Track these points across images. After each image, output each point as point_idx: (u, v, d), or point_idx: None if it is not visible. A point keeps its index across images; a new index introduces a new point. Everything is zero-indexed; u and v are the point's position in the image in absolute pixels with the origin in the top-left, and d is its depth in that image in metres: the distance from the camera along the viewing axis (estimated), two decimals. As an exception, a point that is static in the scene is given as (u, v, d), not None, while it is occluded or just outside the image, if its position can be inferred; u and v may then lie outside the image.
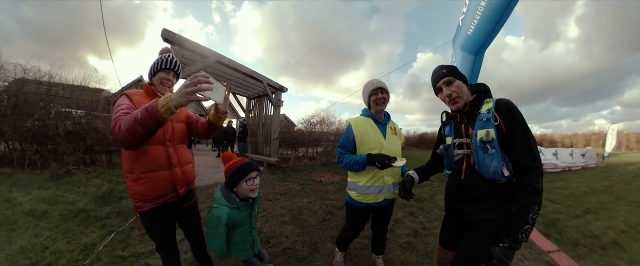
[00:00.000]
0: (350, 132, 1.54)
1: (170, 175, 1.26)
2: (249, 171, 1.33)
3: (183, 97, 0.88)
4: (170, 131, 1.29)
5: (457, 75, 1.15)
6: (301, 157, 8.95)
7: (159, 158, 1.22)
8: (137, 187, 1.18)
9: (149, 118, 0.90)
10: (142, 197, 1.20)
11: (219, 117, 1.32)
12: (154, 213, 1.25)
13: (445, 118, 1.30)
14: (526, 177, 0.98)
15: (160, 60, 1.30)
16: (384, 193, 1.52)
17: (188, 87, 0.88)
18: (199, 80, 0.89)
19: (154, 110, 0.88)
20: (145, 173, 1.18)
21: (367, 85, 1.58)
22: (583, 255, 2.44)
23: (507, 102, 1.03)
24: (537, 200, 0.95)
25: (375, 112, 1.57)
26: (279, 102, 7.22)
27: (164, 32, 3.83)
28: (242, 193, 1.34)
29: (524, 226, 0.94)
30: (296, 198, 3.92)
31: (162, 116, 0.89)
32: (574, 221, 3.43)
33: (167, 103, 0.88)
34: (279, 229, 2.67)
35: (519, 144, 0.99)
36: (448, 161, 1.28)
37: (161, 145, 1.24)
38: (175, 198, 1.32)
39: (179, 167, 1.30)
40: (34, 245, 2.13)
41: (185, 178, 1.34)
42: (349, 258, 2.10)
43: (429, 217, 3.20)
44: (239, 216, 1.34)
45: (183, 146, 1.38)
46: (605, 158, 12.89)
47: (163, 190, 1.24)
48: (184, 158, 1.35)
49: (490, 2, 2.70)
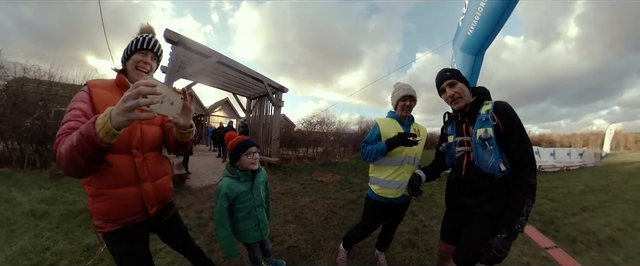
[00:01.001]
0: (376, 129, 1.61)
1: (137, 192, 1.01)
2: (249, 146, 1.44)
3: (121, 115, 0.66)
4: (139, 136, 1.02)
5: (460, 78, 1.24)
6: (301, 157, 8.98)
7: (123, 170, 0.96)
8: (96, 204, 0.95)
9: (86, 145, 0.69)
10: (103, 217, 0.98)
11: (182, 133, 1.03)
12: (118, 235, 1.01)
13: (447, 118, 1.38)
14: (521, 173, 1.06)
15: (136, 40, 1.04)
16: (402, 189, 1.57)
17: (127, 100, 0.65)
18: (139, 91, 0.66)
19: (90, 134, 0.68)
20: (105, 189, 0.93)
21: (398, 90, 1.62)
22: (580, 251, 2.50)
23: (504, 105, 1.12)
24: (531, 193, 1.03)
25: (400, 115, 1.64)
26: (280, 102, 7.24)
27: (166, 32, 3.84)
28: (244, 166, 1.45)
29: (519, 217, 1.02)
30: (298, 197, 3.94)
31: (103, 141, 0.68)
32: (572, 219, 3.50)
33: (105, 124, 0.67)
34: (282, 228, 2.69)
35: (515, 143, 1.07)
36: (449, 158, 1.36)
37: (126, 154, 0.98)
38: (145, 217, 1.08)
39: (150, 182, 1.05)
40: (35, 245, 2.12)
41: (157, 194, 1.09)
42: (351, 255, 2.12)
43: (429, 215, 3.25)
44: (239, 187, 1.43)
45: (156, 155, 1.11)
46: (603, 158, 12.99)
47: (128, 210, 1.00)
48: (156, 170, 1.09)
49: (489, 3, 2.73)
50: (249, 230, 1.51)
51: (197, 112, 17.20)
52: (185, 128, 1.02)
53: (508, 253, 1.03)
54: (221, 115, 18.98)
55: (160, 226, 1.20)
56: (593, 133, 33.97)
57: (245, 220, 1.49)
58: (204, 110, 17.75)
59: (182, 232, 1.34)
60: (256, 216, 1.52)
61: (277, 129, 7.24)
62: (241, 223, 1.49)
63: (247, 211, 1.48)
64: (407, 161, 1.56)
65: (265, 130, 7.60)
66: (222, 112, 19.35)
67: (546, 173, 7.94)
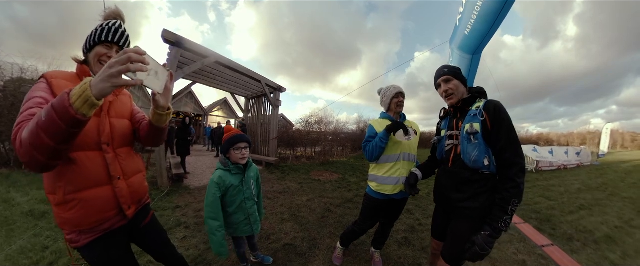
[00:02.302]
0: (371, 128, 1.67)
1: (110, 192, 0.92)
2: (237, 142, 1.48)
3: (105, 81, 0.61)
4: (108, 130, 0.94)
5: (457, 76, 1.28)
6: (299, 156, 8.98)
7: (93, 169, 0.87)
8: (65, 214, 0.84)
9: (57, 120, 0.59)
10: (75, 228, 0.87)
11: (160, 114, 0.96)
12: (96, 248, 0.91)
13: (442, 114, 1.44)
14: (508, 171, 1.06)
15: (101, 29, 0.90)
16: (400, 185, 1.59)
17: (113, 66, 0.61)
18: (130, 57, 0.63)
19: (64, 104, 0.59)
20: (74, 193, 0.83)
21: (390, 89, 1.68)
22: (577, 249, 2.51)
23: (495, 103, 1.14)
24: (516, 193, 1.03)
25: (394, 114, 1.69)
26: (278, 102, 7.25)
27: (164, 33, 3.86)
28: (234, 160, 1.51)
29: (503, 216, 1.03)
30: (295, 196, 3.95)
31: (79, 112, 0.60)
32: (568, 217, 3.50)
33: (84, 92, 0.59)
34: (278, 226, 2.70)
35: (504, 140, 1.08)
36: (439, 151, 1.40)
37: (95, 151, 0.89)
38: (124, 221, 1.00)
39: (123, 180, 0.97)
40: (35, 245, 2.13)
41: (133, 193, 1.01)
42: (347, 253, 2.13)
43: (425, 214, 3.26)
44: (230, 179, 1.49)
45: (128, 150, 1.03)
46: (600, 157, 13.05)
47: (103, 214, 0.90)
48: (129, 167, 1.00)
49: (486, 2, 2.73)
50: (239, 223, 1.56)
51: (195, 111, 17.19)
52: (164, 110, 0.95)
53: (490, 250, 1.04)
54: (220, 115, 18.97)
55: (139, 233, 1.11)
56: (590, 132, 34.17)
57: (236, 213, 1.54)
58: (203, 110, 17.73)
59: (162, 238, 1.21)
60: (247, 210, 1.57)
61: (275, 129, 7.25)
62: (232, 216, 1.54)
63: (238, 204, 1.53)
64: (402, 157, 1.59)
65: (263, 129, 7.61)
66: (221, 112, 19.34)
67: (543, 172, 7.97)
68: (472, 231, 1.12)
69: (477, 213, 1.14)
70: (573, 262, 2.23)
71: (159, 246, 1.20)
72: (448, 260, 1.22)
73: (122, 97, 1.08)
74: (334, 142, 10.45)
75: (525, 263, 2.17)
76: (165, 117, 0.98)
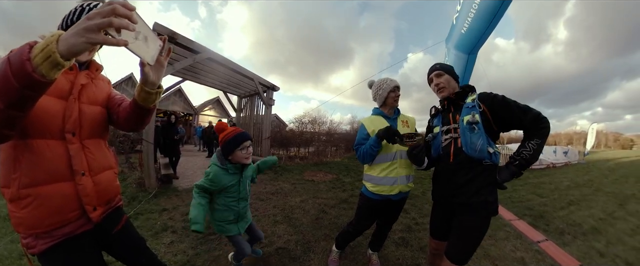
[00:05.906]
0: (363, 129, 1.57)
1: (72, 189, 0.78)
2: (243, 140, 1.38)
3: (79, 35, 0.49)
4: (76, 117, 0.79)
5: (448, 71, 1.32)
6: (293, 156, 8.87)
7: (53, 160, 0.74)
8: (19, 212, 0.72)
9: (9, 74, 0.48)
10: (30, 230, 0.74)
11: (148, 91, 0.79)
12: (55, 256, 0.78)
13: (434, 111, 1.45)
14: (533, 124, 1.08)
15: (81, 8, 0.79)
16: (398, 185, 1.51)
17: (93, 17, 0.49)
18: (115, 9, 0.50)
19: (21, 58, 0.48)
20: (29, 187, 0.71)
21: (386, 82, 1.57)
22: (568, 242, 2.64)
23: (487, 93, 1.19)
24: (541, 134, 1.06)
25: (389, 108, 1.60)
26: (271, 100, 7.13)
27: (156, 26, 3.73)
28: (236, 160, 1.40)
29: (522, 151, 1.08)
30: (288, 197, 3.84)
31: (37, 70, 0.49)
32: (560, 212, 3.65)
33: (48, 47, 0.48)
34: (271, 228, 2.60)
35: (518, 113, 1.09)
36: (435, 149, 1.37)
37: (57, 139, 0.76)
38: (88, 226, 0.85)
39: (89, 176, 0.83)
40: (11, 251, 1.98)
41: (99, 193, 0.86)
42: (343, 255, 2.06)
43: (421, 213, 3.23)
44: (226, 179, 1.40)
45: (98, 143, 0.89)
46: (585, 155, 13.54)
47: (61, 216, 0.77)
48: (98, 162, 0.87)
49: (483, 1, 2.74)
50: (224, 222, 1.47)
51: (185, 110, 16.81)
52: (153, 86, 0.79)
53: (506, 185, 1.15)
54: (211, 114, 18.63)
55: (110, 240, 0.95)
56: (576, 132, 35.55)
57: (224, 211, 1.45)
58: (193, 109, 17.35)
59: (138, 245, 1.05)
60: (238, 211, 1.48)
61: (268, 128, 7.13)
62: (219, 213, 1.45)
63: (228, 204, 1.44)
64: (399, 155, 1.51)
65: (256, 129, 7.46)
66: (213, 112, 19.00)
67: (534, 170, 8.17)
68: (482, 224, 1.14)
69: (484, 206, 1.14)
70: (566, 255, 2.31)
71: (135, 256, 1.04)
72: (455, 260, 1.16)
73: (98, 82, 0.92)
74: (328, 142, 10.38)
75: (524, 260, 2.16)
76: (154, 96, 0.82)
